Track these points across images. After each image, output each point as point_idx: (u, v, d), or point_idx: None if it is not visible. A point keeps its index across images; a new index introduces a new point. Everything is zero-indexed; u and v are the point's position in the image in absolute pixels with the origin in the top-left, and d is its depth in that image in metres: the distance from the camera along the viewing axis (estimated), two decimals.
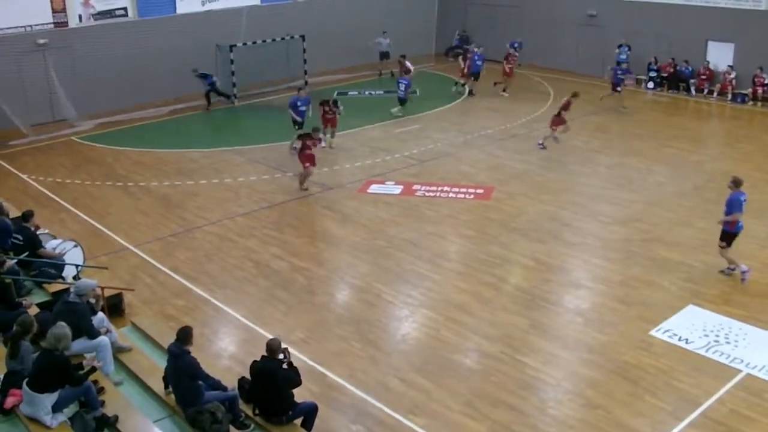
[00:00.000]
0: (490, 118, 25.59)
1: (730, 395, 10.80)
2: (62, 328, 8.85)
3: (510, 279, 14.45)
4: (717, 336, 12.24)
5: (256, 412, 9.33)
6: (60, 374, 8.73)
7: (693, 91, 28.63)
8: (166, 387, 9.60)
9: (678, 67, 29.05)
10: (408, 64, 27.54)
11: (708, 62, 28.31)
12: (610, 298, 13.63)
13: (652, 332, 12.37)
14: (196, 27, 27.82)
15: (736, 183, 14.24)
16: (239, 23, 28.51)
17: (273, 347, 9.20)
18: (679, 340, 12.16)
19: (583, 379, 11.23)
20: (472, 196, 18.53)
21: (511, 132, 23.92)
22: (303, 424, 9.39)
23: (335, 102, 22.81)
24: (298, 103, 21.79)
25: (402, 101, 25.92)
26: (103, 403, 9.11)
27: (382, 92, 29.47)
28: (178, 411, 9.32)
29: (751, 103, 27.17)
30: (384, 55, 32.20)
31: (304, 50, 29.85)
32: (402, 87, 25.86)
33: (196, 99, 27.44)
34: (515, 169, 20.51)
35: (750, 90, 27.30)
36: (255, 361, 9.36)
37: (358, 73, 31.99)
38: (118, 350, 10.52)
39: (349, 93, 29.49)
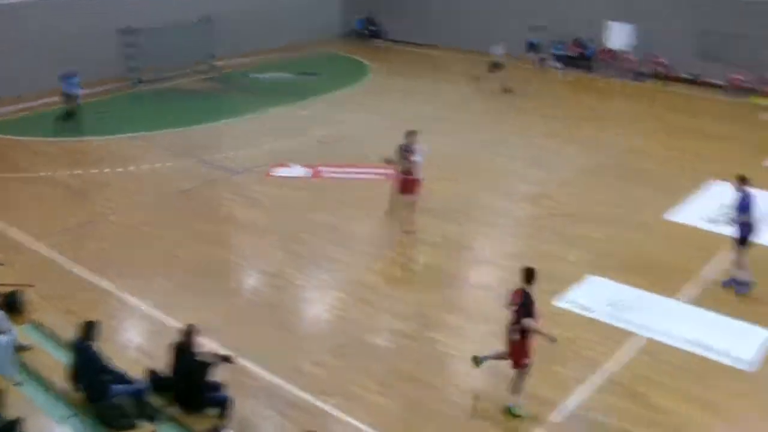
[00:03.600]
0: (399, 100, 25.66)
1: (633, 360, 11.28)
2: None
3: (420, 259, 14.59)
4: (620, 304, 12.72)
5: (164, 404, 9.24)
6: None
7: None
8: (71, 384, 9.33)
9: (583, 48, 29.81)
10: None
11: (606, 44, 29.01)
12: (516, 273, 13.90)
13: (557, 303, 12.74)
14: (93, 8, 26.90)
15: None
16: (145, 4, 27.72)
17: (183, 330, 9.47)
18: (583, 309, 12.58)
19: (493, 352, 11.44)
20: (382, 178, 18.56)
21: (422, 114, 23.98)
22: (220, 417, 9.35)
23: (411, 133, 15.99)
24: None
25: None
26: (4, 406, 8.77)
27: (290, 75, 29.21)
28: (84, 408, 9.09)
29: (650, 81, 28.07)
30: (495, 66, 26.97)
31: (212, 33, 29.29)
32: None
33: (96, 85, 26.50)
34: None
35: (651, 69, 28.20)
36: None
37: (266, 55, 31.60)
38: (19, 349, 10.16)
39: (258, 75, 29.17)
